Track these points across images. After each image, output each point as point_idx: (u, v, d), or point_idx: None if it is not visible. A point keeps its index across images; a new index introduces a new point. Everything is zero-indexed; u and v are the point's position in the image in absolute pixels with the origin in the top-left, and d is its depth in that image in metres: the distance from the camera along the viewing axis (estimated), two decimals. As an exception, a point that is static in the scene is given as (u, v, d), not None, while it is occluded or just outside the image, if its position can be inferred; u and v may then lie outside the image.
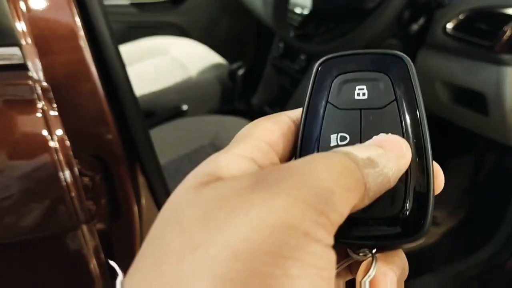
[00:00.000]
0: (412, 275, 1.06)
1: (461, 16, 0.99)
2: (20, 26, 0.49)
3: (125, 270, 0.17)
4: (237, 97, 1.57)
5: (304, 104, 0.24)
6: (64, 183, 0.47)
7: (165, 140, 1.16)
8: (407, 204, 0.21)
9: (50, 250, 0.50)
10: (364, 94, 0.23)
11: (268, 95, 1.74)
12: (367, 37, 1.00)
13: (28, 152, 0.45)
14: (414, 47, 1.08)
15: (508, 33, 0.88)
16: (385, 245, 0.21)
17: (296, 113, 0.24)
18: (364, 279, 0.21)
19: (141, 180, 0.65)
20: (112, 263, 0.51)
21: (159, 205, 0.67)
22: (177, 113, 1.39)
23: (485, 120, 0.98)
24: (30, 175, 0.45)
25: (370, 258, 0.21)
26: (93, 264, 0.51)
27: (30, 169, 0.45)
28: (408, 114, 0.22)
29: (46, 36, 0.52)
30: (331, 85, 0.24)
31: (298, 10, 1.35)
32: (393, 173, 0.20)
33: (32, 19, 0.51)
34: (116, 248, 0.61)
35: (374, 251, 0.21)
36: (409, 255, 0.22)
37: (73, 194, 0.48)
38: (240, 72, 1.52)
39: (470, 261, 1.08)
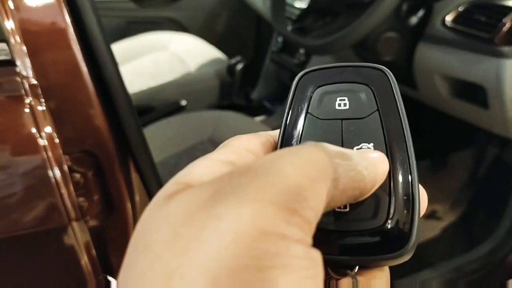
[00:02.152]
0: (412, 270, 1.06)
1: (460, 9, 0.97)
2: (9, 24, 0.49)
3: (118, 266, 0.16)
4: (236, 92, 1.57)
5: (284, 116, 0.24)
6: (53, 180, 0.47)
7: (164, 135, 1.16)
8: (391, 216, 0.20)
9: (41, 247, 0.50)
10: (345, 105, 0.23)
11: (267, 89, 1.73)
12: (365, 30, 0.99)
13: (16, 149, 0.45)
14: (413, 40, 1.07)
15: (507, 25, 0.87)
16: (366, 260, 0.20)
17: (276, 133, 0.24)
18: None
19: (135, 176, 0.65)
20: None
21: (153, 201, 0.66)
22: (176, 109, 1.39)
23: (485, 113, 0.97)
24: (19, 172, 0.45)
25: (351, 279, 0.20)
26: (85, 260, 0.51)
27: (19, 166, 0.45)
28: (391, 124, 0.22)
29: (35, 34, 0.52)
30: (311, 97, 0.24)
31: (296, 4, 1.34)
32: (368, 173, 0.19)
33: (21, 17, 0.51)
34: (109, 244, 0.60)
35: (356, 269, 0.20)
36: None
37: (63, 191, 0.48)
38: (239, 67, 1.52)
39: (471, 255, 1.07)
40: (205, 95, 1.50)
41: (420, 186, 0.21)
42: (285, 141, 0.23)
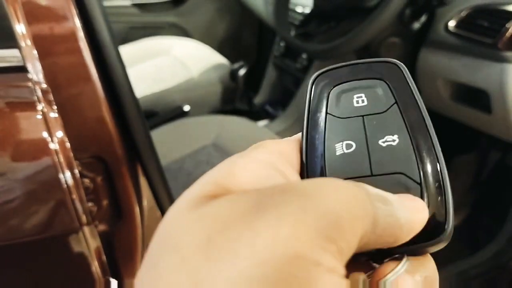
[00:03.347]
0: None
1: (463, 14, 0.98)
2: (20, 28, 0.49)
3: (126, 271, 0.16)
4: (239, 97, 1.57)
5: (304, 120, 0.24)
6: (65, 185, 0.47)
7: (167, 140, 1.17)
8: (427, 205, 0.20)
9: (52, 252, 0.50)
10: (363, 101, 0.23)
11: (270, 94, 1.74)
12: (368, 36, 1.00)
13: (29, 154, 0.45)
14: (415, 45, 1.08)
15: (510, 30, 0.88)
16: (412, 249, 0.20)
17: (298, 137, 0.24)
18: (390, 276, 0.19)
19: (143, 180, 0.65)
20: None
21: (160, 205, 0.67)
22: (179, 114, 1.39)
23: (488, 118, 0.98)
24: (31, 177, 0.45)
25: (396, 260, 0.20)
26: (95, 266, 0.51)
27: (31, 171, 0.45)
28: (411, 115, 0.22)
29: (45, 38, 0.52)
30: (328, 97, 0.24)
31: (299, 9, 1.35)
32: (406, 221, 0.18)
33: (32, 21, 0.51)
34: (118, 249, 0.60)
35: (405, 259, 0.20)
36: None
37: (74, 196, 0.48)
38: (242, 72, 1.52)
39: (475, 259, 1.07)
40: (208, 100, 1.50)
41: None
42: (309, 144, 0.23)
